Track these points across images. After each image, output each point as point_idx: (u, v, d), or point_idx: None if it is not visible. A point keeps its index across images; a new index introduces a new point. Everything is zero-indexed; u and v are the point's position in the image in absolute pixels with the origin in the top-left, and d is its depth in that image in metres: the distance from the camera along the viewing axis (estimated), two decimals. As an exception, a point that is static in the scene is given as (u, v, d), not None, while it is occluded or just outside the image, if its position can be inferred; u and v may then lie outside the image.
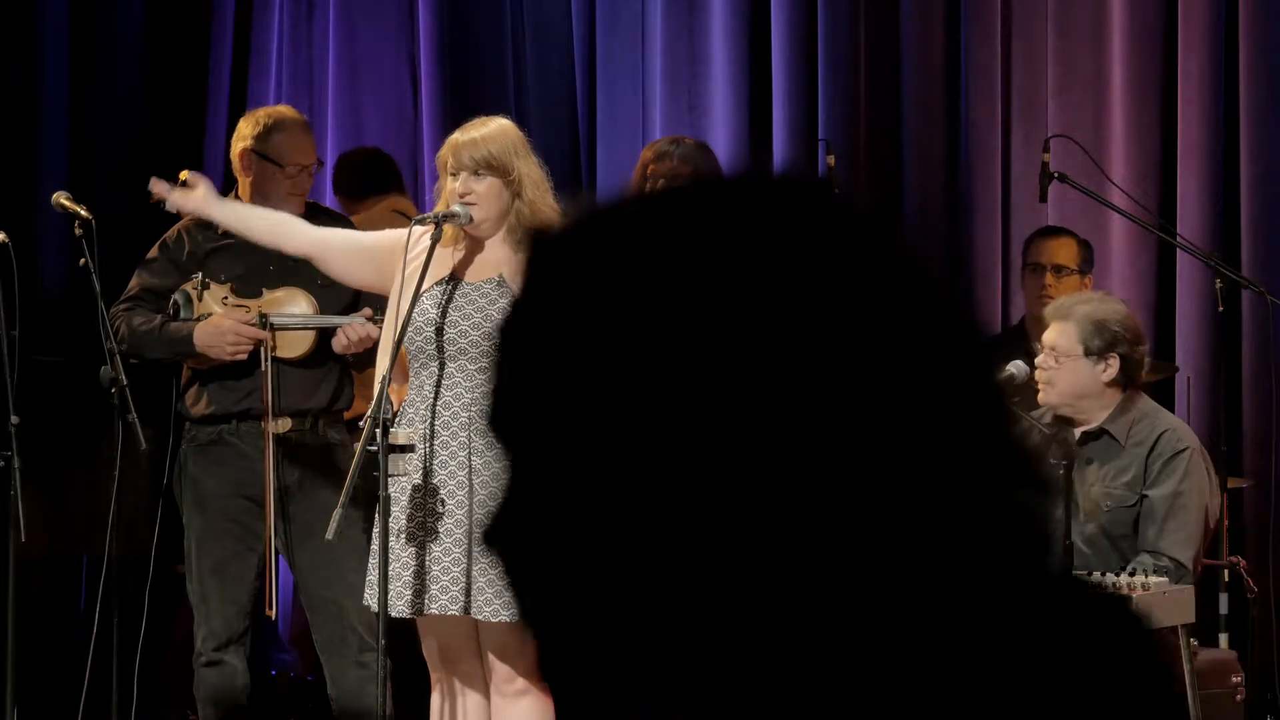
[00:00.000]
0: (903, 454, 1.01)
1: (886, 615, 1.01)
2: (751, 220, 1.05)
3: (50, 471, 6.34)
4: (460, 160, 5.24)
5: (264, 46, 8.41)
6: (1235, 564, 6.22)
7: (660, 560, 1.01)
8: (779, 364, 1.01)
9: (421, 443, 5.20)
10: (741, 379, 1.01)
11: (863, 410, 1.01)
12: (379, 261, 5.38)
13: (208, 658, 5.94)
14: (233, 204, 5.74)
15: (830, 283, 1.02)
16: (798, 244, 1.04)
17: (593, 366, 1.02)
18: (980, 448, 1.04)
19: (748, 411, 1.01)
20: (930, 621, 1.02)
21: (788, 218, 1.05)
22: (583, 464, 1.03)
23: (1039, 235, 7.04)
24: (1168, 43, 7.41)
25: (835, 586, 1.01)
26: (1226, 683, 5.78)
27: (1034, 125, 7.58)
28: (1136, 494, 5.57)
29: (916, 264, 1.05)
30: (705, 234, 1.04)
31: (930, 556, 1.02)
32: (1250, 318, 7.15)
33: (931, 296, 1.05)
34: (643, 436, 1.01)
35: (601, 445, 1.02)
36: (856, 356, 1.01)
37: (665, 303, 1.02)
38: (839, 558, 1.01)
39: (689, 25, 8.05)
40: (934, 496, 1.02)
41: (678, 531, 1.01)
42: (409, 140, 8.37)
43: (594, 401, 1.02)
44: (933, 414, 1.02)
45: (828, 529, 1.01)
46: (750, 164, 1.09)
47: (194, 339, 5.82)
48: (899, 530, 1.01)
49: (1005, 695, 1.03)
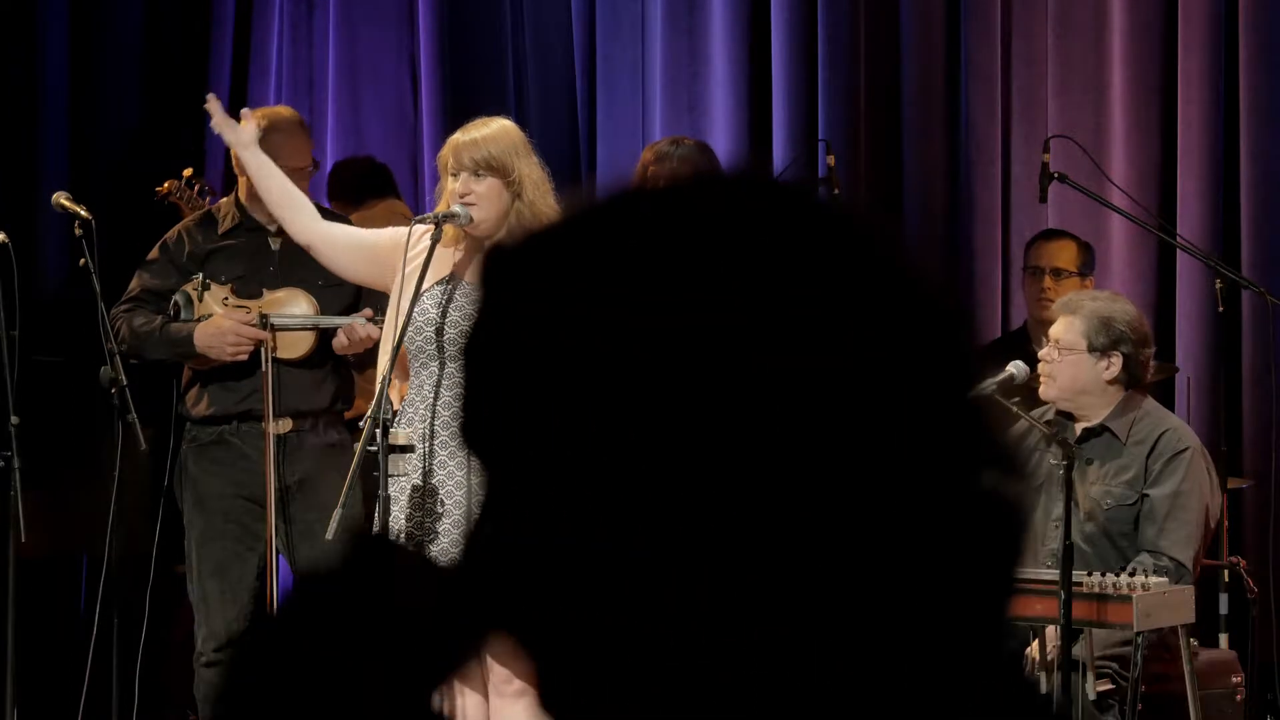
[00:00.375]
0: (895, 454, 1.01)
1: (879, 614, 1.01)
2: (735, 218, 1.04)
3: (50, 472, 6.34)
4: (461, 161, 5.24)
5: (264, 46, 8.41)
6: (1235, 564, 6.22)
7: (649, 564, 1.01)
8: (763, 365, 1.01)
9: (421, 443, 5.20)
10: (723, 379, 1.01)
11: (852, 412, 1.01)
12: (380, 258, 5.39)
13: (208, 658, 5.94)
14: (266, 159, 5.70)
15: (818, 283, 1.02)
16: (782, 241, 1.03)
17: (571, 371, 1.02)
18: (968, 449, 1.04)
19: (733, 413, 1.00)
20: (921, 620, 1.02)
21: (773, 216, 1.05)
22: (565, 473, 1.02)
23: (1039, 238, 7.04)
24: (1168, 43, 7.41)
25: (828, 587, 1.01)
26: (1226, 683, 5.78)
27: (1034, 125, 7.58)
28: (1137, 493, 5.57)
29: (909, 265, 1.05)
30: (686, 232, 1.04)
31: (918, 555, 1.02)
32: (1250, 318, 7.15)
33: (924, 298, 1.05)
34: (624, 441, 1.01)
35: (584, 452, 1.02)
36: (845, 358, 1.01)
37: (643, 302, 1.02)
38: (830, 559, 1.01)
39: (689, 25, 8.05)
40: (924, 497, 1.02)
41: (665, 534, 1.01)
42: (409, 140, 8.37)
43: (576, 409, 1.02)
44: (924, 415, 1.02)
45: (819, 529, 1.01)
46: (738, 163, 1.09)
47: (194, 340, 5.82)
48: (890, 529, 1.01)
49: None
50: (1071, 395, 5.62)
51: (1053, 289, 6.75)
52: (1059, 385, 5.61)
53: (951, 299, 1.05)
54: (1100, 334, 5.59)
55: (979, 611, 1.04)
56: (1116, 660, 5.37)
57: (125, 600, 5.95)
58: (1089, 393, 5.61)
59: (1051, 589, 5.06)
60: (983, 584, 1.04)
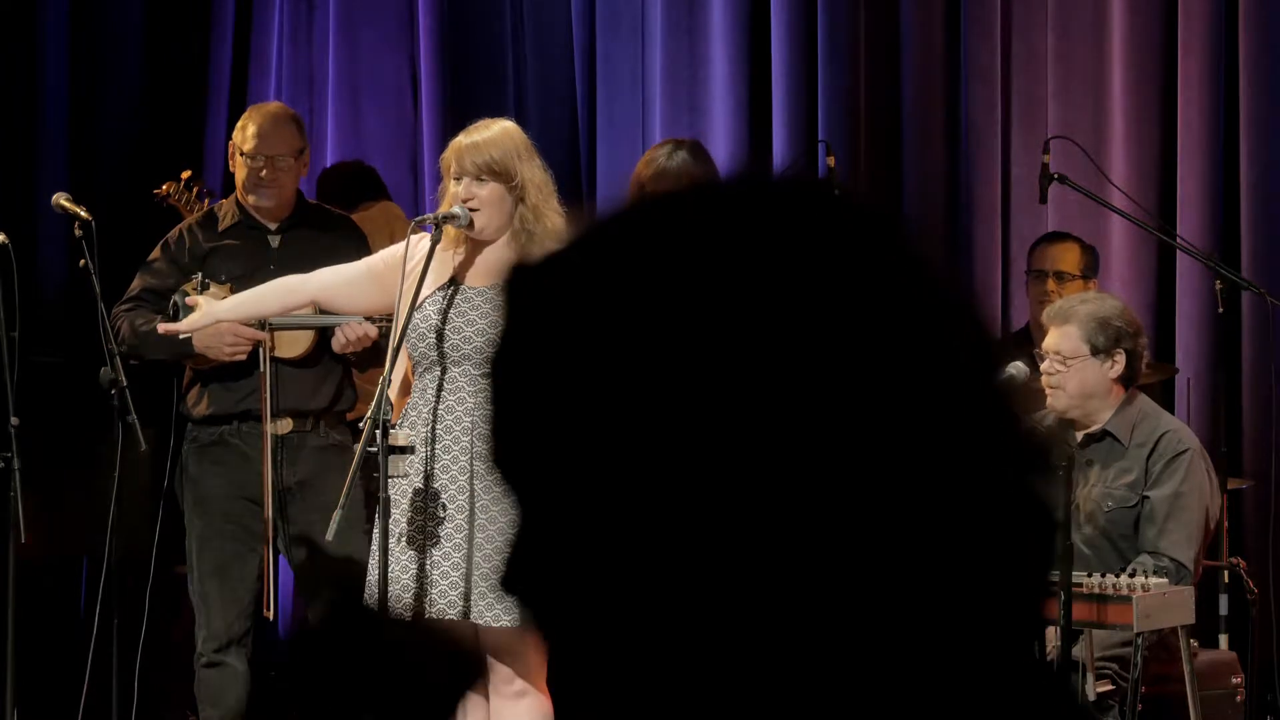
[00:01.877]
0: (912, 452, 1.01)
1: (907, 617, 1.01)
2: (748, 225, 1.04)
3: (50, 473, 6.34)
4: (463, 165, 5.23)
5: (264, 46, 8.40)
6: (1235, 565, 6.22)
7: (683, 576, 1.01)
8: (784, 372, 1.00)
9: (423, 446, 5.19)
10: (750, 388, 1.00)
11: (872, 411, 1.01)
12: (381, 280, 5.37)
13: (208, 658, 5.94)
14: (233, 300, 5.71)
15: (831, 283, 1.02)
16: (795, 245, 1.03)
17: (595, 389, 1.02)
18: (989, 442, 1.04)
19: (760, 422, 1.00)
20: (951, 621, 1.02)
21: (785, 220, 1.04)
22: (596, 492, 1.02)
23: (1042, 241, 7.04)
24: (1168, 43, 7.41)
25: (857, 589, 1.01)
26: (1226, 683, 5.78)
27: (1034, 126, 7.57)
28: (1138, 495, 5.57)
29: (919, 260, 1.05)
30: (699, 243, 1.04)
31: (946, 554, 1.02)
32: (1250, 318, 7.15)
33: (935, 292, 1.04)
34: (655, 455, 1.01)
35: (615, 468, 1.02)
36: (862, 357, 1.01)
37: (663, 319, 1.02)
38: (854, 564, 1.01)
39: (689, 25, 8.04)
40: (952, 494, 1.02)
41: (699, 545, 1.01)
42: (409, 141, 8.37)
43: (603, 426, 1.02)
44: (940, 410, 1.02)
45: (844, 536, 1.00)
46: (745, 167, 1.08)
47: (193, 340, 5.82)
48: (918, 528, 1.01)
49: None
50: (1080, 401, 5.63)
51: (1056, 292, 6.74)
52: (1068, 393, 5.61)
53: (966, 290, 1.05)
54: (1100, 335, 5.59)
55: (1010, 612, 1.03)
56: (1116, 661, 5.38)
57: (125, 600, 5.95)
58: (1096, 395, 5.63)
59: (1051, 589, 5.07)
60: (1013, 583, 1.04)
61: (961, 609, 1.01)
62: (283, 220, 6.09)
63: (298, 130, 6.16)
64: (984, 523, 1.02)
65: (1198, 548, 5.56)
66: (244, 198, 6.05)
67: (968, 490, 1.02)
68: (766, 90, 7.93)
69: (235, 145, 6.08)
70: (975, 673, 1.02)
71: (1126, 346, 5.61)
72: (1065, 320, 5.64)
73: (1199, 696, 5.32)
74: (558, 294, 1.05)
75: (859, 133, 7.82)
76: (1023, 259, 7.19)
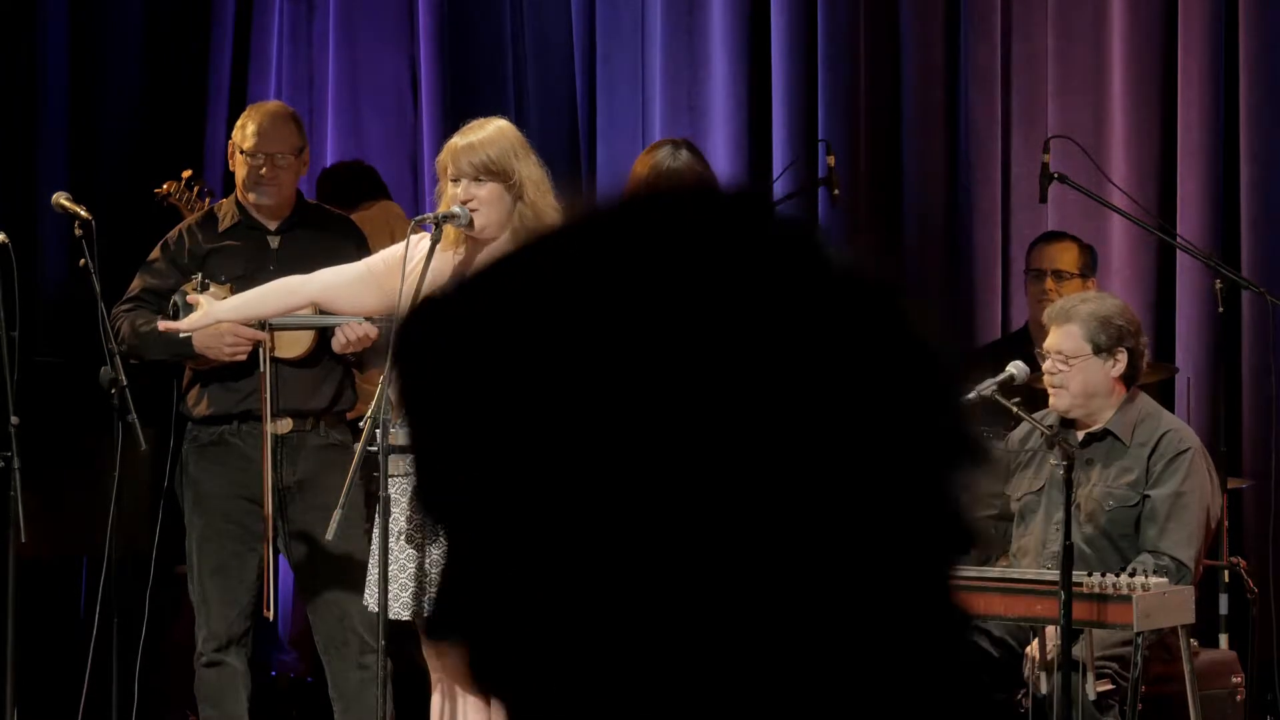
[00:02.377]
0: (843, 467, 1.01)
1: (791, 615, 1.01)
2: (679, 237, 1.04)
3: (50, 473, 6.34)
4: (460, 167, 5.23)
5: (264, 47, 8.41)
6: (1235, 565, 6.23)
7: (614, 595, 1.01)
8: (712, 387, 1.00)
9: (422, 444, 5.19)
10: (664, 401, 1.00)
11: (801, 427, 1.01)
12: (381, 281, 5.37)
13: (208, 658, 5.94)
14: (233, 300, 5.72)
15: (757, 299, 1.02)
16: (722, 260, 1.03)
17: (506, 415, 1.02)
18: (896, 436, 1.04)
19: (678, 435, 1.00)
20: (873, 622, 1.02)
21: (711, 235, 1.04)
22: (521, 520, 1.02)
23: (1040, 241, 7.04)
24: (1168, 43, 7.41)
25: (761, 596, 1.01)
26: (1226, 683, 5.78)
27: (1034, 126, 7.58)
28: (1139, 494, 5.57)
29: (848, 279, 1.05)
30: (608, 266, 1.04)
31: (836, 549, 1.02)
32: (1250, 318, 7.16)
33: (867, 311, 1.04)
34: (582, 476, 1.01)
35: (548, 498, 1.01)
36: (790, 375, 1.01)
37: (570, 340, 1.02)
38: (766, 565, 1.01)
39: (689, 25, 8.05)
40: (844, 490, 1.02)
41: (625, 563, 1.01)
42: (409, 141, 8.37)
43: (519, 453, 1.02)
44: (872, 427, 1.02)
45: (754, 542, 1.00)
46: (687, 181, 1.09)
47: (193, 340, 5.82)
48: (807, 527, 1.01)
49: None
50: (1084, 400, 5.63)
51: (1054, 291, 6.75)
52: (1071, 393, 5.61)
53: (897, 305, 1.05)
54: (1102, 334, 5.60)
55: (909, 605, 1.04)
56: (1116, 660, 5.38)
57: (125, 601, 5.95)
58: (1099, 395, 5.63)
59: (1051, 589, 5.07)
60: (911, 576, 1.04)
61: (859, 602, 1.01)
62: (282, 220, 6.09)
63: (297, 128, 6.16)
64: (882, 515, 1.02)
65: (1198, 547, 5.56)
66: (244, 196, 6.05)
67: (867, 482, 1.02)
68: (766, 90, 7.93)
69: (235, 144, 6.08)
70: (874, 668, 1.02)
71: (1128, 345, 5.61)
72: (1067, 320, 5.64)
73: (1199, 696, 5.32)
74: (465, 324, 1.06)
75: (859, 133, 7.83)
76: (1022, 259, 7.20)
